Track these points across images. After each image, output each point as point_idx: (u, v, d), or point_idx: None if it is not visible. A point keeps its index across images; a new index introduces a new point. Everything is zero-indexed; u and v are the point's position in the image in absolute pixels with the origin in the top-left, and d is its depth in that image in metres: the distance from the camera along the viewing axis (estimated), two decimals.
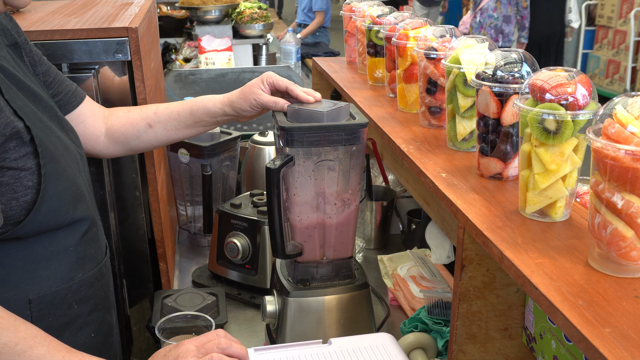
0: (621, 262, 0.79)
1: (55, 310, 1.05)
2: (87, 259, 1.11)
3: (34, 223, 0.99)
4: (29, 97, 1.05)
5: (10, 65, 1.06)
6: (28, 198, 0.97)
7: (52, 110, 1.12)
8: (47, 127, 1.04)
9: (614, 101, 0.78)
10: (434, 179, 1.12)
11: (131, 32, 1.47)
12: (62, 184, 1.02)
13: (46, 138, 1.01)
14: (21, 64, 1.14)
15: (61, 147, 1.06)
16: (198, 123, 1.34)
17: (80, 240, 1.09)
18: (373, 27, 1.72)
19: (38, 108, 1.06)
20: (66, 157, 1.06)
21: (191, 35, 4.41)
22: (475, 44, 1.20)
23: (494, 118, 1.07)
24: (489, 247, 0.91)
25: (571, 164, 0.92)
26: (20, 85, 1.05)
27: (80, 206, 1.08)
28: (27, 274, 1.02)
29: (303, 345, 1.12)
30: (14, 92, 1.01)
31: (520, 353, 1.08)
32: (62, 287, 1.06)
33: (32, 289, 1.02)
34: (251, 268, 1.60)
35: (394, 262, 1.71)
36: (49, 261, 1.04)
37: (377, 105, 1.59)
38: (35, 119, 1.02)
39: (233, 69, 2.96)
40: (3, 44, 1.11)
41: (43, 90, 1.14)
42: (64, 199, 1.03)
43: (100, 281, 1.16)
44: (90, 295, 1.12)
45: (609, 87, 7.37)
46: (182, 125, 1.34)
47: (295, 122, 1.20)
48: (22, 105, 1.00)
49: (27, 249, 1.01)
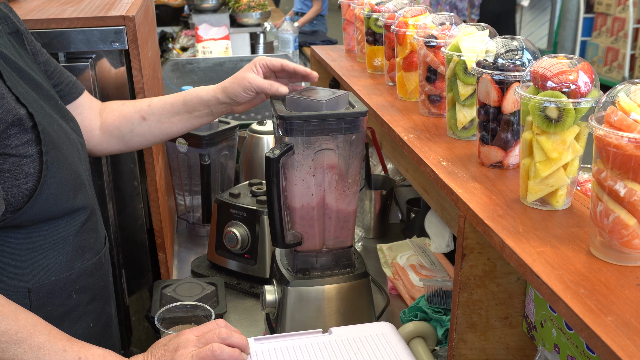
0: (623, 251, 0.79)
1: (54, 300, 1.05)
2: (86, 248, 1.11)
3: (34, 210, 0.99)
4: (30, 85, 1.05)
5: (11, 53, 1.05)
6: (29, 185, 0.97)
7: (53, 99, 1.11)
8: (48, 114, 1.04)
9: (616, 88, 0.77)
10: (435, 168, 1.11)
11: (128, 21, 1.46)
12: (63, 172, 1.02)
13: (48, 125, 1.01)
14: (22, 52, 1.13)
15: (63, 135, 1.05)
16: (192, 113, 1.32)
17: (80, 229, 1.08)
18: (372, 15, 1.70)
19: (39, 96, 1.06)
20: (67, 145, 1.06)
21: (188, 24, 4.38)
22: (475, 32, 1.19)
23: (494, 106, 1.06)
24: (490, 236, 0.90)
25: (573, 152, 0.92)
26: (21, 73, 1.04)
27: (81, 195, 1.07)
28: (26, 262, 1.02)
29: (303, 335, 1.12)
30: (16, 79, 1.00)
31: (520, 341, 1.08)
32: (62, 276, 1.06)
33: (32, 278, 1.02)
34: (250, 258, 1.59)
35: (394, 251, 1.71)
36: (48, 250, 1.04)
37: (376, 93, 1.59)
38: (38, 107, 1.01)
39: (230, 57, 2.95)
40: (4, 31, 1.10)
41: (44, 79, 1.13)
42: (64, 187, 1.02)
43: (99, 271, 1.15)
44: (89, 284, 1.12)
45: (608, 74, 7.35)
46: (176, 116, 1.32)
47: (294, 111, 1.19)
48: (24, 92, 1.00)
49: (26, 237, 1.01)
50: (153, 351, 1.01)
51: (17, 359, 0.90)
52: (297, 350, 1.08)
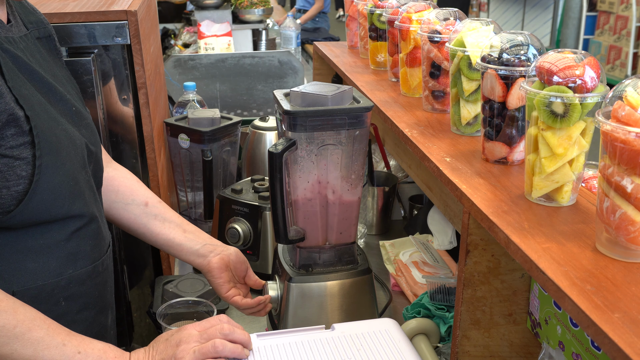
0: (630, 247, 0.78)
1: (41, 305, 1.00)
2: (80, 255, 1.07)
3: (24, 214, 0.96)
4: (40, 88, 1.02)
5: (26, 55, 1.03)
6: (20, 188, 0.94)
7: (68, 104, 1.08)
8: (52, 118, 1.01)
9: (624, 83, 0.76)
10: (438, 164, 1.10)
11: (130, 16, 1.45)
12: (58, 178, 0.99)
13: (48, 129, 0.98)
14: (48, 56, 1.11)
15: (66, 140, 1.02)
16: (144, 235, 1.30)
17: (73, 235, 1.05)
18: (375, 11, 1.70)
19: (48, 99, 1.03)
20: (69, 151, 1.02)
21: (190, 21, 4.38)
22: (480, 27, 1.19)
23: (499, 102, 1.06)
24: (494, 232, 0.90)
25: (578, 148, 0.91)
26: (32, 76, 1.01)
27: (78, 202, 1.04)
28: (14, 264, 0.99)
29: (306, 331, 1.11)
30: (22, 80, 0.98)
31: (524, 338, 1.08)
32: (50, 281, 1.02)
33: (18, 281, 0.99)
34: (252, 254, 1.59)
35: (396, 248, 1.70)
36: (38, 254, 1.01)
37: (379, 89, 1.58)
38: (40, 110, 0.98)
39: (232, 54, 2.93)
40: (32, 36, 1.08)
41: (63, 83, 1.11)
42: (59, 193, 0.99)
43: (94, 280, 1.11)
44: (80, 293, 1.08)
45: (611, 73, 7.34)
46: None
47: (298, 106, 1.18)
48: (27, 94, 0.97)
49: (16, 239, 0.98)
50: (155, 345, 1.00)
51: (15, 353, 0.89)
52: (299, 346, 1.07)
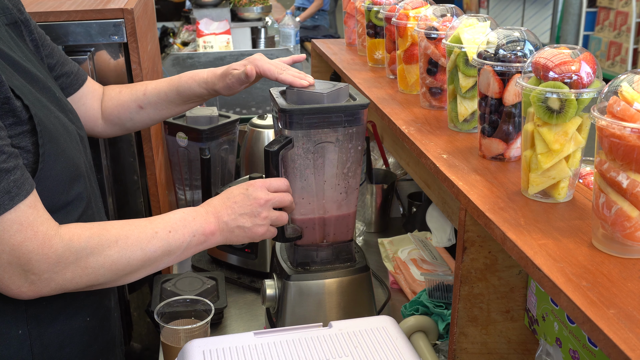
0: (626, 243, 0.78)
1: None
2: None
3: None
4: (25, 78, 1.04)
5: (6, 45, 1.04)
6: None
7: (51, 92, 1.10)
8: (45, 107, 1.03)
9: (619, 78, 0.76)
10: (435, 161, 1.10)
11: (127, 14, 1.45)
12: (60, 165, 1.00)
13: (45, 117, 0.99)
14: (20, 43, 1.12)
15: (60, 127, 1.04)
16: (186, 103, 1.39)
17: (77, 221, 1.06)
18: (372, 8, 1.69)
19: (35, 89, 1.04)
20: (66, 138, 1.04)
21: (189, 19, 4.37)
22: (476, 23, 1.18)
23: (496, 98, 1.05)
24: (491, 229, 0.89)
25: (575, 144, 0.91)
26: (16, 66, 1.03)
27: (77, 185, 1.05)
28: None
29: (303, 329, 1.11)
30: (10, 72, 0.99)
31: (522, 335, 1.08)
32: None
33: None
34: (251, 252, 1.59)
35: (395, 245, 1.70)
36: None
37: (377, 86, 1.58)
38: (34, 99, 1.00)
39: (231, 52, 2.94)
40: (1, 22, 1.09)
41: (42, 71, 1.12)
42: (60, 179, 1.01)
43: None
44: None
45: (611, 69, 7.32)
46: (171, 104, 1.38)
47: (294, 104, 1.18)
48: (19, 85, 0.99)
49: None
50: (230, 196, 1.12)
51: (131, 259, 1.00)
52: (297, 343, 1.07)
